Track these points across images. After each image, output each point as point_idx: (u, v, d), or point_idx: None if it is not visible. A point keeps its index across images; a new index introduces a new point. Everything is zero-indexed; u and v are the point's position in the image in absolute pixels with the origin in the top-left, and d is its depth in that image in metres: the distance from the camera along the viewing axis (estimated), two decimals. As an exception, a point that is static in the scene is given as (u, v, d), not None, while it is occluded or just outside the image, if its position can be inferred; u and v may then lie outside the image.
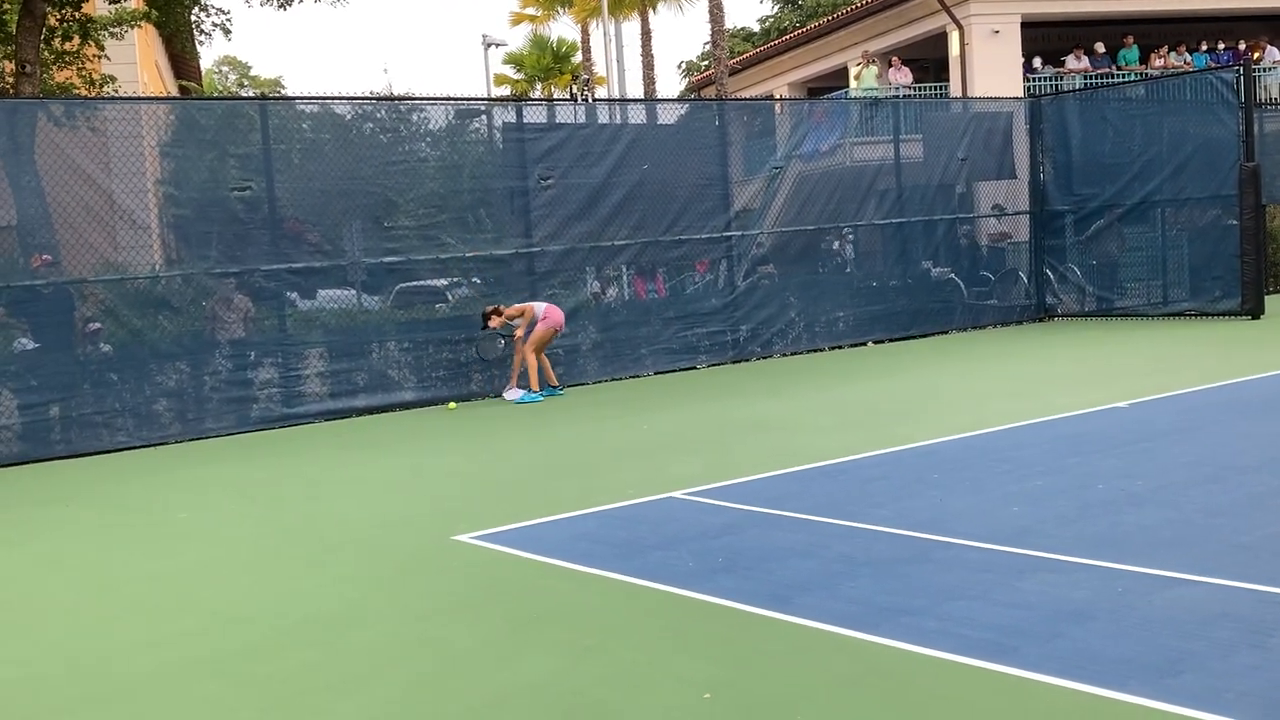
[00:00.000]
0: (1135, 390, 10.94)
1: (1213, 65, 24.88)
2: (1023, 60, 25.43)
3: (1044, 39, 26.51)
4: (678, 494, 7.86)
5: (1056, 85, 25.13)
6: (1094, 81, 24.73)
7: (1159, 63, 26.15)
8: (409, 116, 14.64)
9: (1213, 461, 7.74)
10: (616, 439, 10.68)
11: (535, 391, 13.49)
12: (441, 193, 14.39)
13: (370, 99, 15.14)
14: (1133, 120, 18.67)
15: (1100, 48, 26.39)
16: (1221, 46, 27.01)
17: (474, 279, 14.62)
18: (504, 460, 9.96)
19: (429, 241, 14.02)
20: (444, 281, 14.77)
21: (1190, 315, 17.75)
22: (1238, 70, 17.68)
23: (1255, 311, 17.09)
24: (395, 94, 21.66)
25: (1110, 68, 26.10)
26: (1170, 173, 17.97)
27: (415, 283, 14.39)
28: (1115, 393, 10.86)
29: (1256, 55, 26.83)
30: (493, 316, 13.47)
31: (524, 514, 7.55)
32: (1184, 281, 18.33)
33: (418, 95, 15.02)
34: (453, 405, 13.52)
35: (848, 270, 18.15)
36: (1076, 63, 26.16)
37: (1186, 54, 26.48)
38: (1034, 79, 25.47)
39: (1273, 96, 25.98)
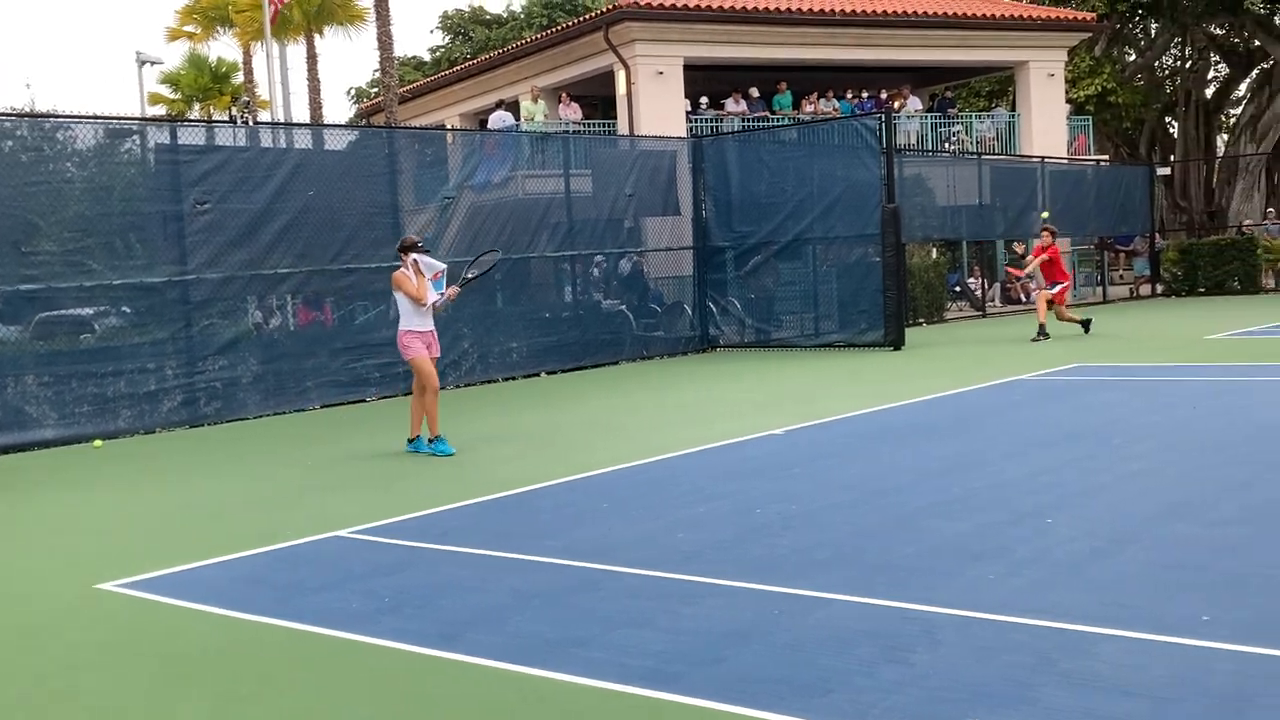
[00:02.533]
0: (791, 417, 11.46)
1: (858, 112, 26.60)
2: (686, 101, 26.38)
3: (705, 81, 27.60)
4: (344, 532, 7.62)
5: (717, 126, 26.20)
6: (751, 124, 25.95)
7: (810, 108, 27.69)
8: (54, 135, 13.68)
9: (861, 485, 8.17)
10: (279, 476, 10.27)
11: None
12: (89, 216, 13.52)
13: (10, 115, 14.06)
14: (786, 162, 19.69)
15: (755, 92, 27.71)
16: (866, 95, 28.90)
17: (123, 308, 13.77)
18: (155, 502, 9.39)
19: (74, 268, 13.14)
20: (90, 310, 13.84)
21: (840, 346, 18.82)
22: (880, 117, 18.94)
23: (897, 343, 18.29)
24: (38, 111, 20.22)
25: (766, 111, 27.44)
26: (820, 212, 19.03)
27: (58, 311, 13.42)
28: (773, 420, 11.33)
29: (898, 104, 28.87)
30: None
31: (176, 558, 7.12)
32: (834, 314, 19.43)
33: (64, 113, 14.06)
34: (99, 443, 12.65)
35: (519, 301, 18.22)
36: (735, 105, 27.37)
37: (835, 101, 28.17)
38: (696, 120, 26.46)
39: (911, 143, 28.01)
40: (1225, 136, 41.55)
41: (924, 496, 7.71)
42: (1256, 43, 36.74)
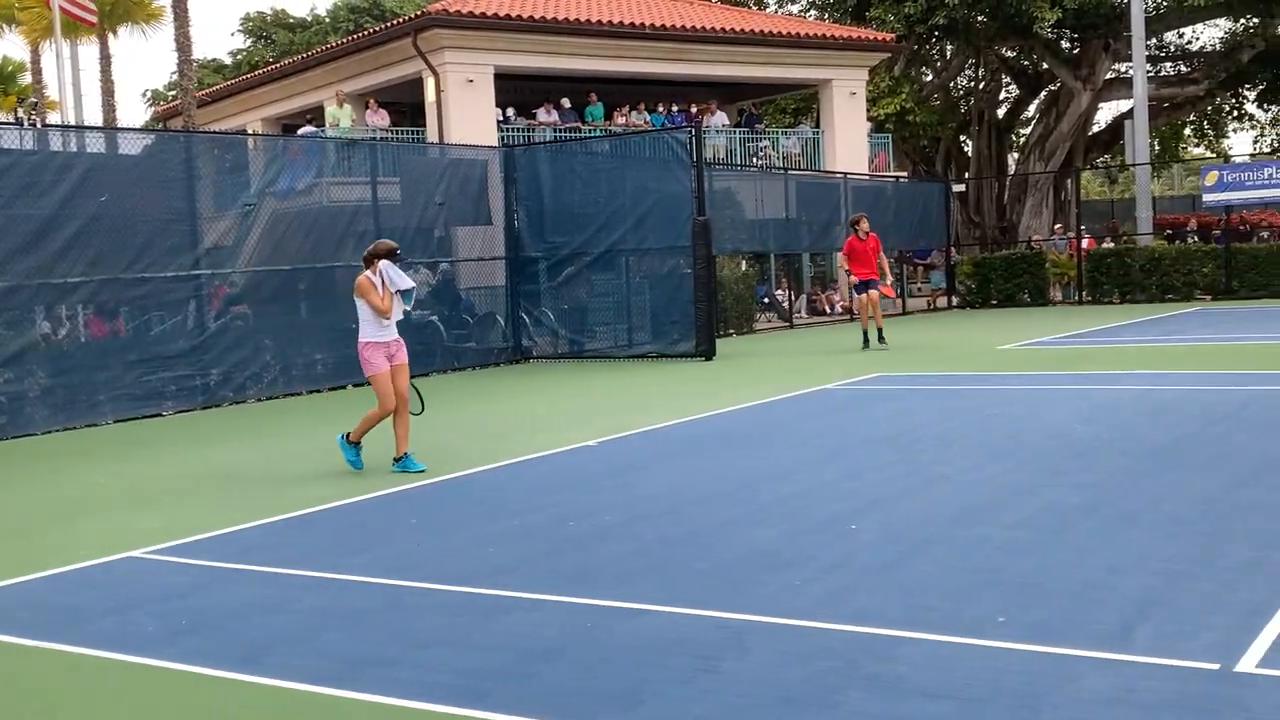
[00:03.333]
0: (604, 429, 11.47)
1: (669, 125, 26.91)
2: (497, 110, 26.25)
3: (517, 91, 27.53)
4: (137, 553, 7.28)
5: (529, 136, 26.15)
6: (563, 134, 25.98)
7: (621, 120, 27.89)
8: None
9: (673, 495, 8.21)
10: (68, 494, 9.78)
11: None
12: None
13: None
14: (599, 173, 19.76)
15: (567, 102, 27.77)
16: (676, 108, 29.26)
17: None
18: (-69, 523, 8.81)
19: None
20: None
21: (653, 357, 18.96)
22: (690, 131, 19.18)
23: (708, 353, 18.53)
24: None
25: (578, 122, 27.52)
26: (633, 224, 19.16)
27: None
28: (586, 432, 11.32)
29: (705, 118, 29.31)
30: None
31: (-48, 584, 6.68)
32: (646, 325, 19.58)
33: None
34: None
35: (325, 312, 17.76)
36: (547, 115, 27.37)
37: (646, 113, 28.44)
38: (508, 129, 26.35)
39: (720, 157, 28.48)
40: (1016, 155, 43.46)
41: (734, 505, 7.79)
42: (1045, 65, 38.56)
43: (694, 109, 29.43)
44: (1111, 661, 4.56)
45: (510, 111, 27.01)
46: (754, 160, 29.41)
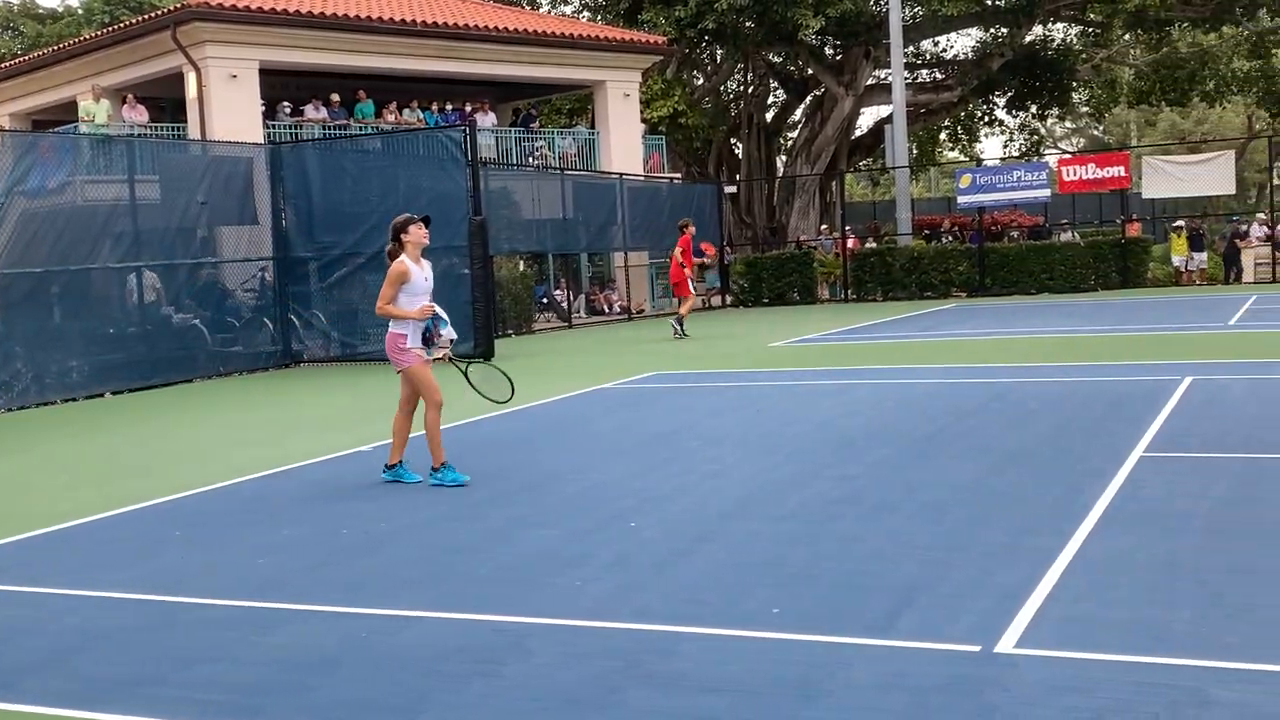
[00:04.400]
0: (378, 433, 11.23)
1: (442, 124, 26.61)
2: (263, 106, 25.46)
3: (284, 87, 26.75)
4: None
5: (297, 134, 25.45)
6: (332, 132, 25.39)
7: (392, 118, 27.44)
8: None
9: (449, 499, 8.11)
10: None
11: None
12: None
13: None
14: (370, 172, 19.38)
15: (336, 99, 27.16)
16: (450, 107, 28.96)
17: None
18: None
19: None
20: None
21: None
22: (464, 130, 19.01)
23: (487, 354, 18.38)
24: None
25: (347, 119, 26.94)
26: (406, 223, 18.83)
27: None
28: (360, 437, 11.08)
29: (480, 117, 29.10)
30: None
31: None
32: (422, 327, 19.26)
33: None
34: None
35: (80, 316, 16.89)
36: (315, 112, 26.69)
37: (419, 111, 28.05)
38: (275, 126, 25.60)
39: (496, 156, 28.33)
40: (784, 157, 44.68)
41: (513, 507, 7.75)
42: (810, 71, 39.78)
43: (468, 108, 29.20)
44: (881, 648, 4.72)
45: (277, 108, 26.22)
46: (530, 160, 29.38)
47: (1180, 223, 31.59)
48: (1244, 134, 53.37)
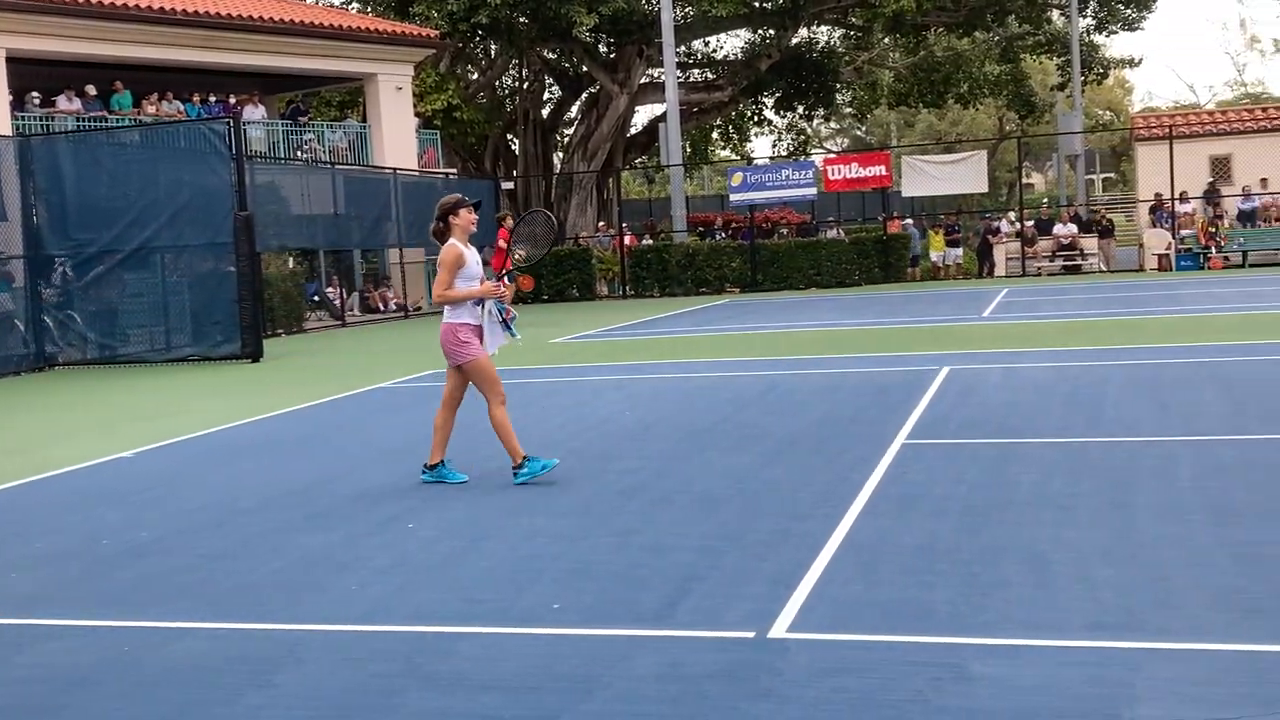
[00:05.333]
0: (141, 438, 10.77)
1: (205, 116, 25.66)
2: (11, 97, 24.03)
3: (34, 76, 25.32)
4: None
5: (48, 125, 24.14)
6: (87, 124, 24.18)
7: (152, 109, 26.31)
8: None
9: (219, 505, 7.84)
10: None
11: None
12: None
13: None
14: (129, 165, 18.57)
15: (92, 90, 25.88)
16: (214, 99, 27.96)
17: None
18: None
19: None
20: None
21: (194, 360, 18.04)
22: (228, 122, 18.39)
23: (255, 355, 17.85)
24: None
25: (104, 111, 25.70)
26: (168, 219, 18.13)
27: None
28: (121, 442, 10.60)
29: (246, 110, 28.18)
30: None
31: None
32: (187, 327, 18.59)
33: None
34: None
35: None
36: (69, 103, 25.36)
37: (179, 103, 26.98)
38: (24, 117, 24.20)
39: (264, 150, 27.50)
40: (561, 154, 44.82)
41: (286, 512, 7.54)
42: (585, 68, 40.00)
43: (233, 100, 28.24)
44: (658, 638, 4.79)
45: (27, 98, 24.80)
46: (299, 154, 28.63)
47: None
48: (995, 135, 56.23)
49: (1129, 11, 39.57)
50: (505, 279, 8.42)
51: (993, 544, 5.89)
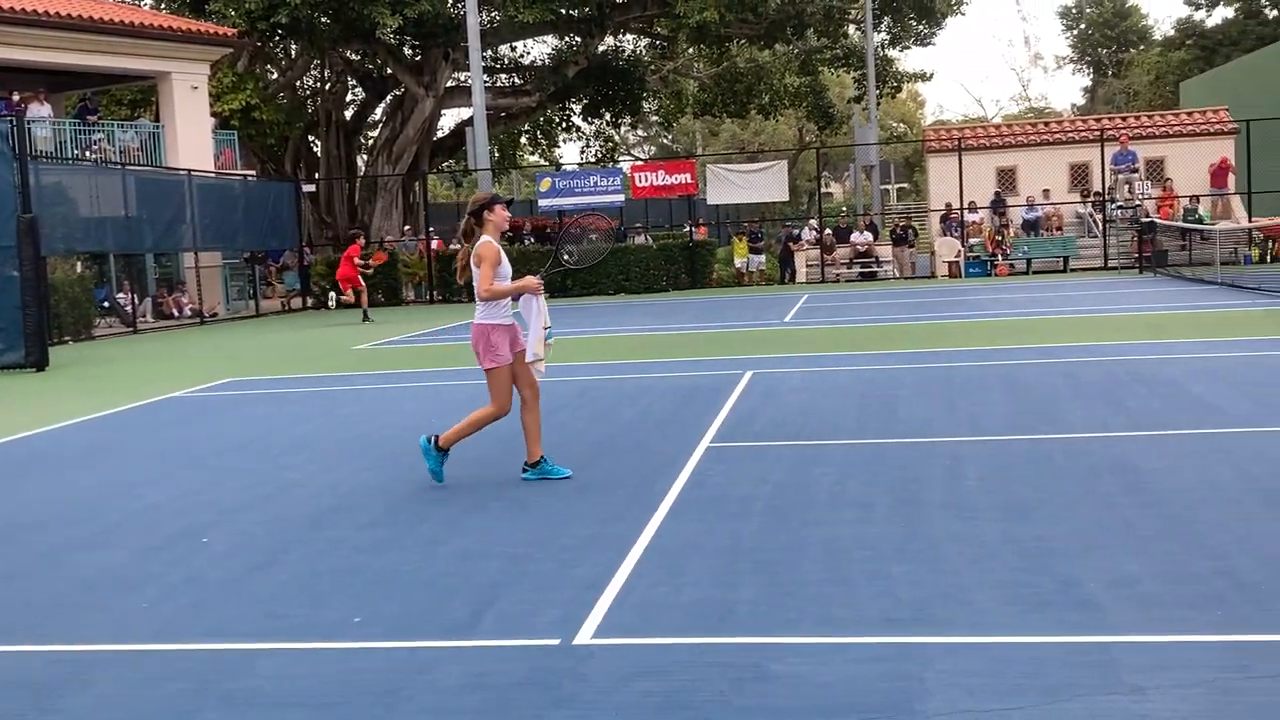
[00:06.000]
0: (-87, 453, 10.15)
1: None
2: None
3: None
4: None
5: None
6: None
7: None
8: None
9: (2, 521, 7.45)
10: None
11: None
12: None
13: None
14: (-101, 164, 17.47)
15: None
16: (-5, 96, 26.59)
17: None
18: None
19: None
20: None
21: (-27, 369, 17.08)
22: (11, 121, 17.51)
23: (40, 363, 17.03)
24: None
25: None
26: (-57, 221, 17.13)
27: None
28: (-110, 457, 9.95)
29: (29, 108, 26.86)
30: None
31: None
32: (-35, 334, 17.59)
33: None
34: None
35: None
36: None
37: (-43, 100, 25.56)
38: None
39: (50, 150, 26.25)
40: (365, 157, 44.07)
41: (71, 529, 7.20)
42: (389, 70, 39.43)
43: (16, 97, 26.88)
44: (464, 649, 4.74)
45: None
46: (88, 154, 27.43)
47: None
48: (796, 145, 57.70)
49: (921, 28, 41.16)
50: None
51: (794, 543, 6.03)
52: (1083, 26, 71.41)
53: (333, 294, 25.92)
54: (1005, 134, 35.04)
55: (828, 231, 32.75)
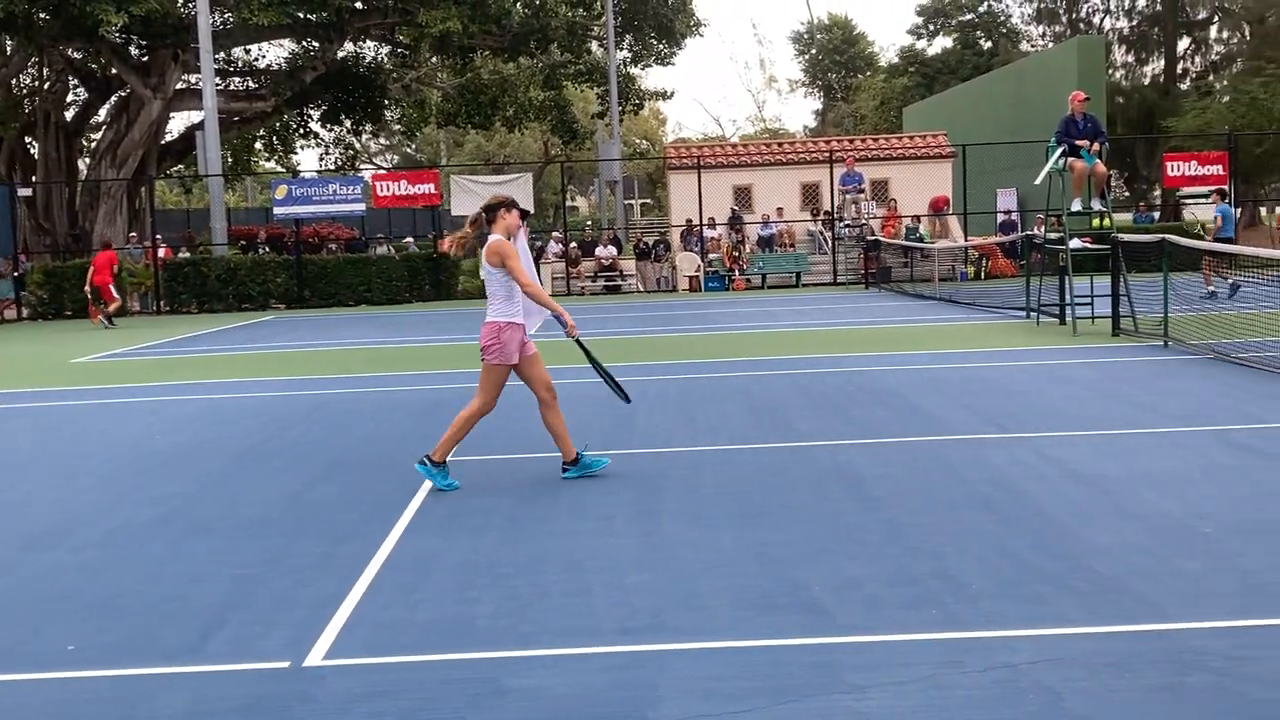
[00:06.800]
0: None
1: None
2: None
3: None
4: None
5: None
6: None
7: None
8: None
9: None
10: None
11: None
12: None
13: None
14: None
15: None
16: None
17: None
18: None
19: None
20: None
21: None
22: None
23: None
24: None
25: None
26: None
27: None
28: None
29: None
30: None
31: None
32: None
33: None
34: None
35: None
36: None
37: None
38: None
39: None
40: (88, 160, 41.80)
41: None
42: (114, 70, 37.55)
43: None
44: (188, 675, 4.54)
45: None
46: None
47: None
48: (541, 158, 57.96)
49: (661, 47, 42.03)
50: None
51: (533, 556, 6.03)
52: (814, 52, 74.39)
53: (102, 316, 24.71)
54: (742, 153, 36.12)
55: (573, 245, 33.01)
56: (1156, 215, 36.17)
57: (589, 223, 46.78)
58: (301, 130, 44.06)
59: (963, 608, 5.02)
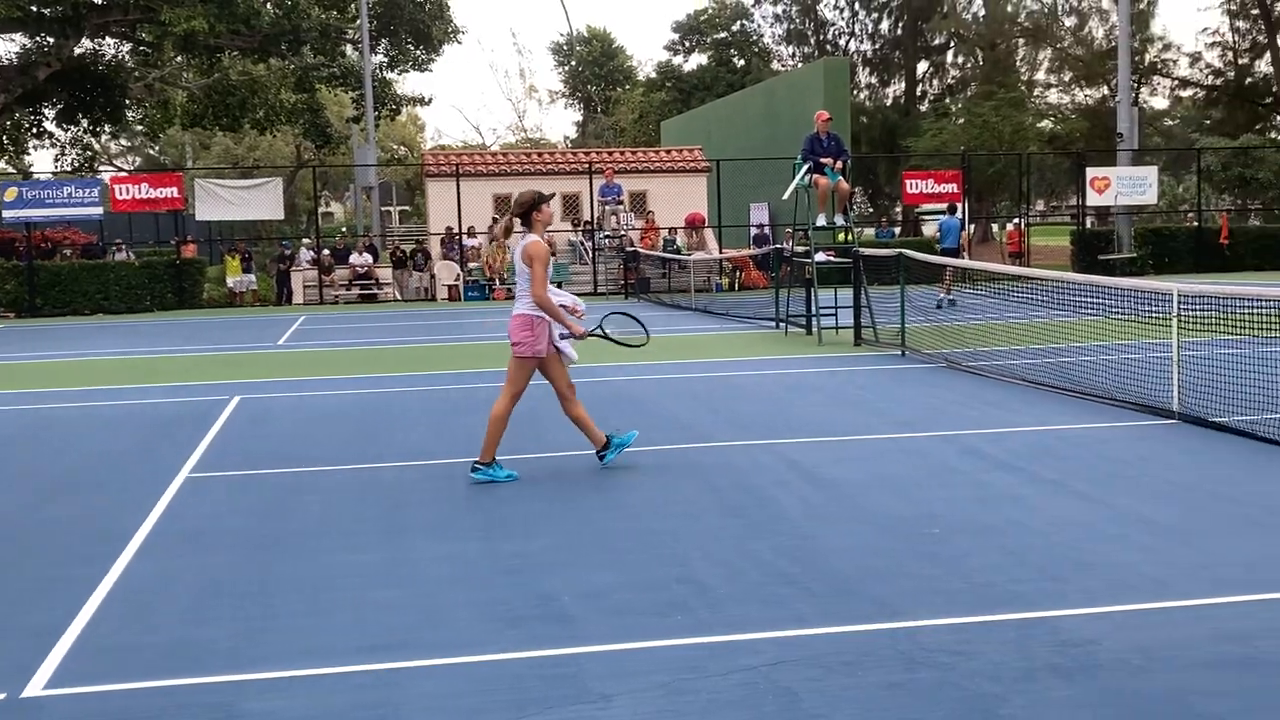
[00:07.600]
0: None
1: None
2: None
3: None
4: None
5: None
6: None
7: None
8: None
9: None
10: None
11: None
12: None
13: None
14: None
15: None
16: None
17: None
18: None
19: None
20: None
21: None
22: None
23: None
24: None
25: None
26: None
27: None
28: None
29: None
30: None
31: None
32: None
33: None
34: None
35: None
36: None
37: None
38: None
39: None
40: None
41: None
42: None
43: None
44: (-114, 714, 4.20)
45: None
46: None
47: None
48: (293, 163, 56.44)
49: (419, 53, 41.55)
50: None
51: (275, 576, 5.84)
52: (574, 63, 74.93)
53: None
54: (502, 162, 36.04)
55: (325, 252, 32.25)
56: (897, 230, 37.93)
57: (344, 229, 45.81)
58: (35, 130, 41.66)
59: (707, 612, 5.11)
